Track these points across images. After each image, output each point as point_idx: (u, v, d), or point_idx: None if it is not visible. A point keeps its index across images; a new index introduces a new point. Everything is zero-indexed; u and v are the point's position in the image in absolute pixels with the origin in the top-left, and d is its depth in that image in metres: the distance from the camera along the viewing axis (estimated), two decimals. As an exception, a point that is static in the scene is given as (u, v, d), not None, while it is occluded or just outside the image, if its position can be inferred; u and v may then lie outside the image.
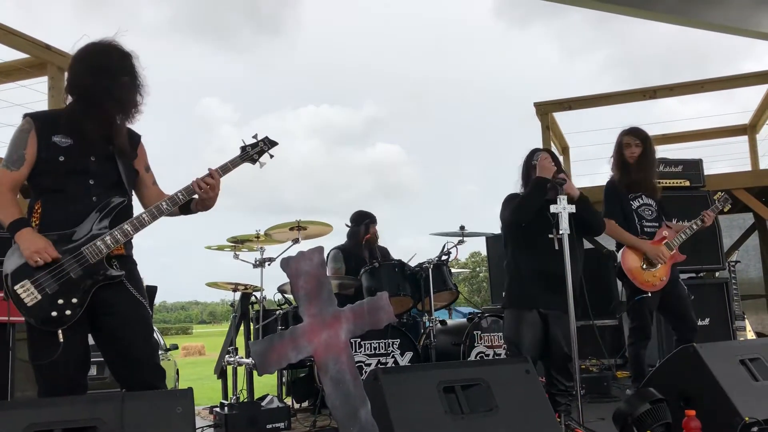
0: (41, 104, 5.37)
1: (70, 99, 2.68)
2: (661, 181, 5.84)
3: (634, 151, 4.42)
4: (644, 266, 4.30)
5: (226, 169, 2.82)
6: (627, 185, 4.43)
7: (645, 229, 4.38)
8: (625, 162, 4.44)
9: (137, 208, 2.79)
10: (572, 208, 3.72)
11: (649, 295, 4.27)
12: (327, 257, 5.63)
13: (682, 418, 2.97)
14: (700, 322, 5.63)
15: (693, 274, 5.99)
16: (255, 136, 2.92)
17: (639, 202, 4.44)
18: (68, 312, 2.45)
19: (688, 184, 6.11)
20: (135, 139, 2.81)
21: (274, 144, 2.95)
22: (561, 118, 8.02)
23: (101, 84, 2.59)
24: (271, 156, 2.95)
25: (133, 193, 2.82)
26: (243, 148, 2.89)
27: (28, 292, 2.42)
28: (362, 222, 5.59)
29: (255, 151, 2.89)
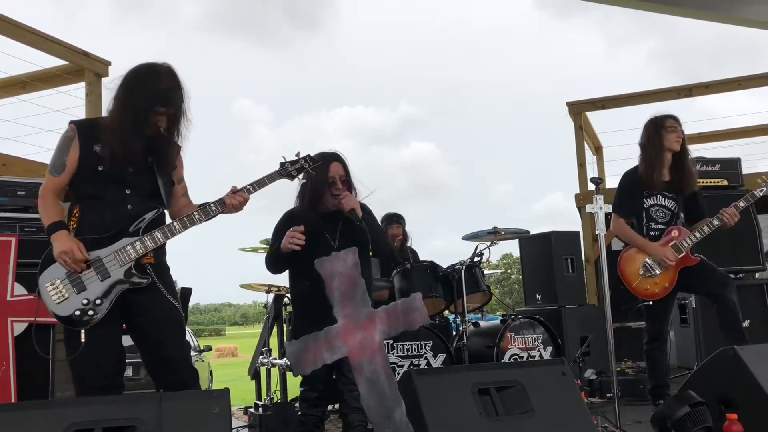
0: (79, 110, 5.49)
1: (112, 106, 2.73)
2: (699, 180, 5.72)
3: (680, 138, 3.93)
4: (642, 272, 3.88)
5: (261, 183, 2.85)
6: (648, 181, 3.94)
7: (651, 232, 3.94)
8: (665, 148, 3.91)
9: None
10: (608, 208, 3.69)
11: (651, 303, 3.88)
12: None
13: (722, 422, 2.91)
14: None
15: (732, 275, 5.87)
16: (297, 154, 2.94)
17: (652, 200, 3.96)
18: (91, 312, 2.53)
19: (725, 183, 5.99)
20: (176, 149, 2.85)
21: (316, 162, 2.99)
22: (595, 117, 7.94)
23: (141, 105, 2.64)
24: (313, 174, 3.02)
25: None
26: (282, 164, 2.91)
27: (56, 291, 2.53)
28: (389, 224, 5.65)
29: (294, 167, 2.92)
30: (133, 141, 2.63)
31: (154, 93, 2.64)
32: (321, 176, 3.33)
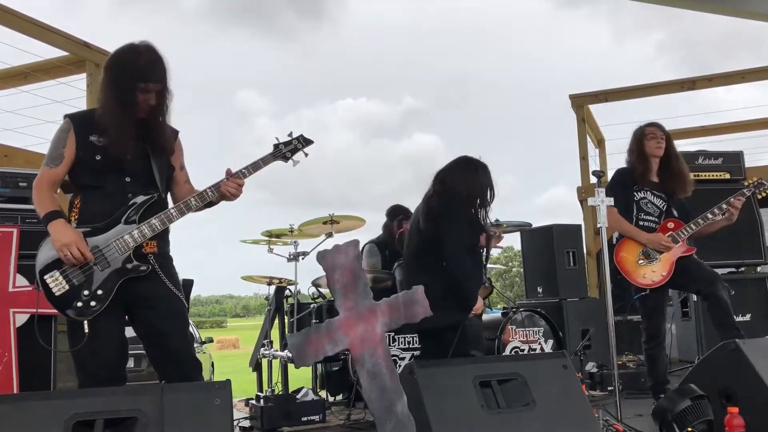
0: (80, 101, 5.47)
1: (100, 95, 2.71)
2: (699, 174, 5.71)
3: (661, 144, 4.06)
4: (640, 260, 3.94)
5: (256, 167, 2.83)
6: (637, 178, 4.08)
7: (640, 222, 4.04)
8: (647, 154, 4.07)
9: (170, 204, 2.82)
10: (610, 201, 3.69)
11: (648, 292, 3.91)
12: (362, 251, 5.62)
13: (724, 416, 2.91)
14: (741, 318, 5.51)
15: (733, 269, 5.86)
16: (290, 134, 2.93)
17: (642, 195, 4.09)
18: (93, 303, 2.52)
19: (728, 176, 5.98)
20: (172, 134, 2.83)
21: (309, 142, 2.95)
22: (598, 110, 7.92)
23: (125, 86, 2.61)
24: (306, 154, 2.95)
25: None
26: (276, 146, 2.89)
27: (56, 282, 2.52)
28: (395, 217, 5.57)
29: (288, 149, 2.90)
30: (126, 125, 2.61)
31: (135, 70, 2.61)
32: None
